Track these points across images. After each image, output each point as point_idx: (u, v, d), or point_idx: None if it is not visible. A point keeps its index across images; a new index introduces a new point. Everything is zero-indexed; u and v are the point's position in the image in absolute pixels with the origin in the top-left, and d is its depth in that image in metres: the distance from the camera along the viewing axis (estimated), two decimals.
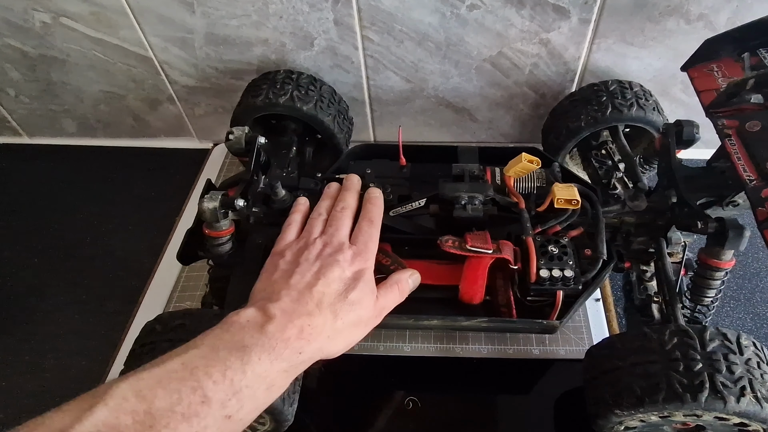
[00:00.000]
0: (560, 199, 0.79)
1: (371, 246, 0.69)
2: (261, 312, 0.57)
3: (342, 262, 0.64)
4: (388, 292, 0.68)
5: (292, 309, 0.58)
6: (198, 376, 0.49)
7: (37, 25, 1.09)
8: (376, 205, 0.75)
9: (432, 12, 1.01)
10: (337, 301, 0.61)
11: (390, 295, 0.68)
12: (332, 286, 0.62)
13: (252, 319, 0.56)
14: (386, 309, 0.67)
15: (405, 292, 0.70)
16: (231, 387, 0.50)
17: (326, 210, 0.74)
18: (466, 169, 0.87)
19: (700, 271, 0.79)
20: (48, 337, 0.99)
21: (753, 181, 0.69)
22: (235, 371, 0.51)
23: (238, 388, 0.50)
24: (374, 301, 0.64)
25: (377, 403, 0.87)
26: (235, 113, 1.05)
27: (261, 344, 0.53)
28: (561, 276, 0.75)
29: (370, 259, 0.67)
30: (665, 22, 0.99)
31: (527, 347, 0.91)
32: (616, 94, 0.98)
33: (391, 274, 0.71)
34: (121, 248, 1.13)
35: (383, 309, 0.66)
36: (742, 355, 0.62)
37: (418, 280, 0.73)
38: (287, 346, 0.55)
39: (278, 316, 0.56)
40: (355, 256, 0.66)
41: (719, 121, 0.77)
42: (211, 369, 0.50)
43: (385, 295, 0.67)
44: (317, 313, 0.59)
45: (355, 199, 0.76)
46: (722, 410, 0.59)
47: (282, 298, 0.59)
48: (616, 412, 0.65)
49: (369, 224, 0.71)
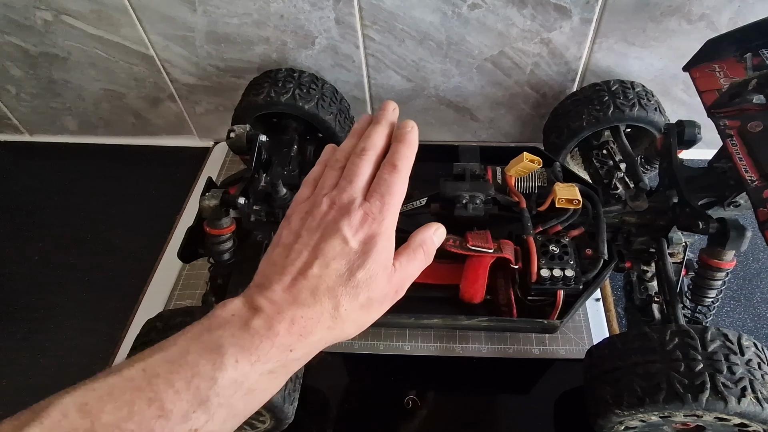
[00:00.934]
0: (561, 198, 0.79)
1: (389, 201, 0.52)
2: (248, 304, 0.49)
3: (345, 229, 0.50)
4: (411, 259, 0.54)
5: (282, 299, 0.48)
6: (156, 386, 0.42)
7: (38, 23, 1.09)
8: (406, 144, 0.56)
9: (433, 11, 1.01)
10: (337, 285, 0.49)
11: (413, 263, 0.54)
12: (331, 266, 0.49)
13: (237, 313, 0.48)
14: (408, 279, 0.54)
15: (431, 253, 0.56)
16: (196, 396, 0.43)
17: (346, 154, 0.58)
18: (467, 168, 0.87)
19: (700, 271, 0.79)
20: (48, 335, 0.99)
21: (754, 182, 0.69)
22: (203, 378, 0.43)
23: (206, 397, 0.43)
24: (388, 277, 0.51)
25: (377, 401, 0.87)
26: (236, 111, 1.05)
27: (241, 344, 0.45)
28: (562, 275, 0.75)
29: (386, 220, 0.52)
30: (667, 22, 0.99)
31: (527, 347, 0.91)
32: (618, 94, 0.98)
33: (413, 233, 0.57)
34: (121, 246, 1.13)
35: (403, 280, 0.53)
36: (743, 356, 0.62)
37: (443, 234, 0.58)
38: (274, 344, 0.46)
39: (265, 309, 0.47)
40: (364, 218, 0.51)
41: (721, 121, 0.77)
42: (175, 376, 0.43)
43: (405, 264, 0.53)
44: (312, 302, 0.48)
45: (384, 137, 0.58)
46: (723, 411, 0.59)
47: (273, 287, 0.49)
48: (617, 411, 0.65)
49: (391, 171, 0.54)
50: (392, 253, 0.52)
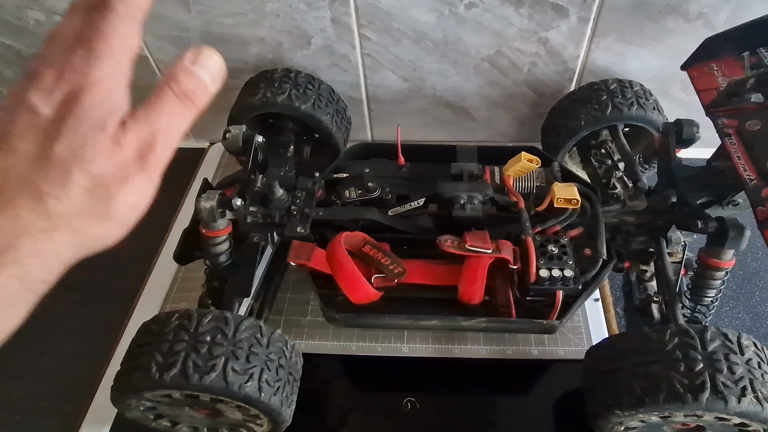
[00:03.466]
0: (560, 198, 0.79)
1: (100, 46, 0.36)
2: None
3: (34, 96, 0.36)
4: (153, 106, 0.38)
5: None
6: None
7: (30, 24, 1.09)
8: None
9: (430, 10, 1.00)
10: (32, 172, 0.35)
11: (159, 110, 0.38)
12: (19, 149, 0.35)
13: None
14: (159, 136, 0.38)
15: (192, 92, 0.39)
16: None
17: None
18: (465, 168, 0.87)
19: (700, 270, 0.79)
20: (43, 338, 0.98)
21: (753, 181, 0.69)
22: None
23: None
24: (113, 138, 0.36)
25: (375, 404, 0.86)
26: (232, 112, 1.04)
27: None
28: (560, 276, 0.75)
29: (96, 67, 0.36)
30: (664, 20, 0.99)
31: (526, 348, 0.91)
32: (616, 93, 0.97)
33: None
34: (116, 248, 1.11)
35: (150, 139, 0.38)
36: (743, 355, 0.62)
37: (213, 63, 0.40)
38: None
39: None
40: (60, 73, 0.36)
41: (719, 120, 0.77)
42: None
43: (144, 115, 0.38)
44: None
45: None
46: (723, 410, 0.59)
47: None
48: (617, 412, 0.65)
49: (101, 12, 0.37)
50: (116, 108, 0.37)
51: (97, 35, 0.36)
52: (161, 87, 0.38)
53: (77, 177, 0.35)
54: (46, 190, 0.35)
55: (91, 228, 0.38)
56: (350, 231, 0.82)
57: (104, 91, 0.36)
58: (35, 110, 0.35)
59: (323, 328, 0.93)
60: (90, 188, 0.36)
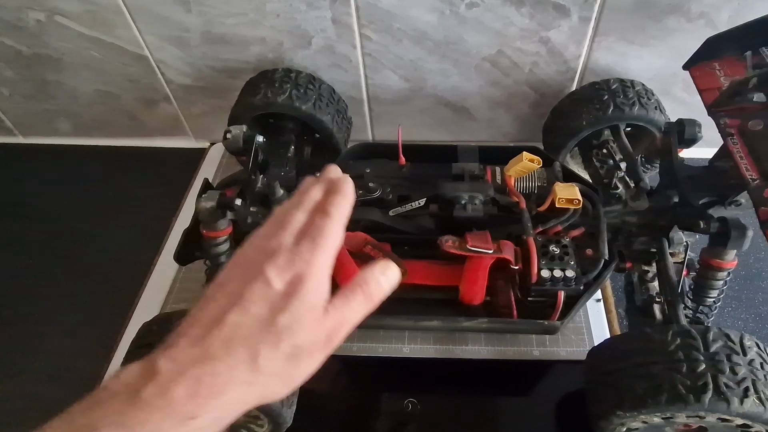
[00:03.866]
0: (562, 198, 0.79)
1: (321, 242, 0.46)
2: (146, 368, 0.40)
3: (268, 270, 0.44)
4: (347, 301, 0.46)
5: (187, 357, 0.41)
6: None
7: (31, 24, 1.08)
8: (340, 194, 0.51)
9: (431, 10, 1.00)
10: (257, 332, 0.42)
11: (350, 305, 0.46)
12: (251, 311, 0.42)
13: (131, 382, 0.40)
14: (344, 326, 0.46)
15: (374, 296, 0.48)
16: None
17: (285, 211, 0.52)
18: (466, 168, 0.87)
19: (702, 271, 0.79)
20: (43, 339, 0.99)
21: (755, 181, 0.69)
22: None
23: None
24: (319, 320, 0.44)
25: (376, 404, 0.86)
26: (232, 112, 1.04)
27: (120, 422, 0.38)
28: (562, 276, 0.75)
29: (315, 260, 0.45)
30: (666, 20, 0.98)
31: (527, 348, 0.90)
32: (618, 93, 0.97)
33: (358, 273, 0.49)
34: (116, 249, 1.12)
35: (338, 327, 0.45)
36: (746, 356, 0.62)
37: (395, 277, 0.50)
38: (168, 414, 0.38)
39: (164, 372, 0.39)
40: (290, 259, 0.45)
41: (721, 120, 0.76)
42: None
43: (341, 306, 0.46)
44: (223, 355, 0.41)
45: (321, 191, 0.53)
46: (725, 411, 0.59)
47: (179, 341, 0.42)
48: (618, 413, 0.65)
49: (322, 216, 0.49)
50: (324, 295, 0.45)
51: (319, 233, 0.47)
52: (354, 287, 0.47)
53: (284, 346, 0.42)
54: (261, 352, 0.41)
55: (275, 387, 0.44)
56: (351, 231, 0.82)
57: (320, 280, 0.45)
58: (269, 283, 0.43)
59: None
60: (288, 356, 0.43)
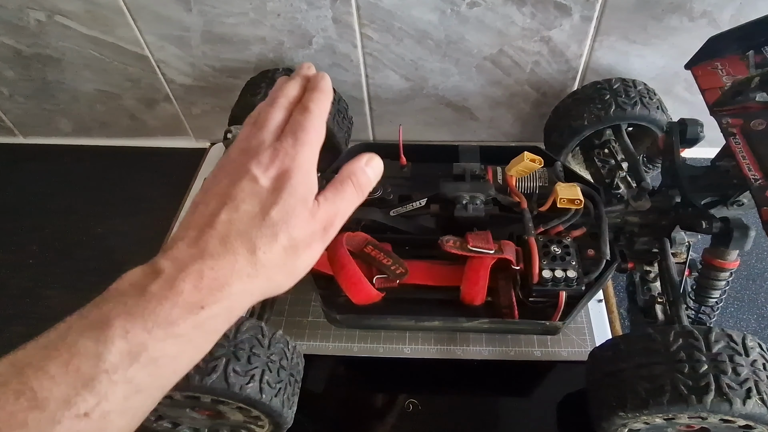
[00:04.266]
0: (563, 198, 0.78)
1: (302, 137, 0.51)
2: (148, 269, 0.45)
3: (254, 168, 0.49)
4: (338, 192, 0.52)
5: (187, 255, 0.45)
6: (26, 375, 0.38)
7: (31, 24, 1.08)
8: (319, 90, 0.56)
9: (432, 10, 1.00)
10: (250, 227, 0.47)
11: (341, 195, 0.52)
12: (242, 208, 0.47)
13: (135, 281, 0.44)
14: (338, 216, 0.52)
15: (363, 186, 0.54)
16: (78, 378, 0.39)
17: (260, 109, 0.57)
18: (467, 168, 0.86)
19: (704, 271, 0.78)
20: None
21: (758, 180, 0.69)
22: (86, 357, 0.40)
23: (90, 376, 0.39)
24: (311, 212, 0.49)
25: (377, 405, 0.86)
26: (233, 111, 1.04)
27: (132, 312, 0.42)
28: (564, 276, 0.74)
29: (300, 154, 0.50)
30: (668, 19, 0.98)
31: (528, 349, 0.90)
32: (620, 93, 0.97)
33: (343, 167, 0.55)
34: (117, 249, 1.12)
35: (332, 217, 0.51)
36: (748, 357, 0.62)
37: (379, 167, 0.57)
38: (176, 303, 0.43)
39: (167, 269, 0.44)
40: (274, 155, 0.50)
41: (724, 119, 0.76)
42: (49, 362, 0.39)
43: (332, 197, 0.51)
44: (222, 251, 0.45)
45: (297, 88, 0.58)
46: (728, 412, 0.59)
47: (176, 244, 0.46)
48: (620, 414, 0.64)
49: (302, 111, 0.54)
50: (312, 187, 0.50)
51: (301, 128, 0.52)
52: (343, 178, 0.53)
53: (281, 238, 0.47)
54: (259, 245, 0.46)
55: (278, 278, 0.49)
56: (352, 231, 0.82)
57: (306, 173, 0.50)
58: (256, 180, 0.48)
59: (324, 329, 0.92)
60: (287, 248, 0.48)
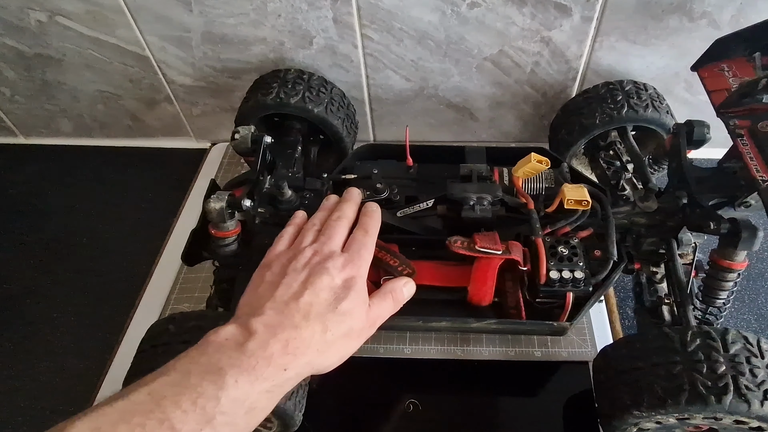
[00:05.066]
0: (570, 199, 0.78)
1: (364, 254, 0.64)
2: (241, 328, 0.54)
3: (332, 269, 0.60)
4: (382, 301, 0.64)
5: (276, 322, 0.54)
6: (165, 407, 0.45)
7: (32, 24, 1.08)
8: (373, 218, 0.70)
9: (432, 10, 1.00)
10: (326, 312, 0.57)
11: (384, 304, 0.64)
12: (321, 296, 0.58)
13: (231, 337, 0.53)
14: (380, 319, 0.63)
15: (399, 301, 0.67)
16: (203, 415, 0.47)
17: (321, 221, 0.70)
18: (474, 169, 0.86)
19: (712, 272, 0.78)
20: (44, 339, 0.99)
21: (766, 182, 0.69)
22: (208, 398, 0.47)
23: (212, 415, 0.47)
24: (366, 311, 0.61)
25: (377, 405, 0.86)
26: (240, 110, 1.04)
27: (239, 365, 0.50)
28: (571, 277, 0.74)
29: (362, 267, 0.63)
30: (668, 19, 0.98)
31: (529, 349, 0.91)
32: (632, 94, 0.97)
33: (386, 282, 0.68)
34: (118, 249, 1.12)
35: (376, 319, 0.63)
36: (764, 359, 0.62)
37: (412, 289, 0.69)
38: (270, 363, 0.51)
39: (260, 332, 0.53)
40: (346, 263, 0.62)
41: (731, 121, 0.77)
42: (181, 398, 0.46)
43: (378, 304, 0.63)
44: (304, 325, 0.55)
45: (354, 211, 0.72)
46: (745, 413, 0.59)
47: (265, 312, 0.56)
48: (635, 412, 0.64)
49: (364, 234, 0.67)
50: (366, 293, 0.62)
51: (363, 246, 0.65)
52: (386, 292, 0.65)
53: (344, 327, 0.58)
54: (329, 327, 0.57)
55: (333, 358, 0.59)
56: None
57: (364, 281, 0.62)
58: (332, 277, 0.60)
59: None
60: (346, 335, 0.59)
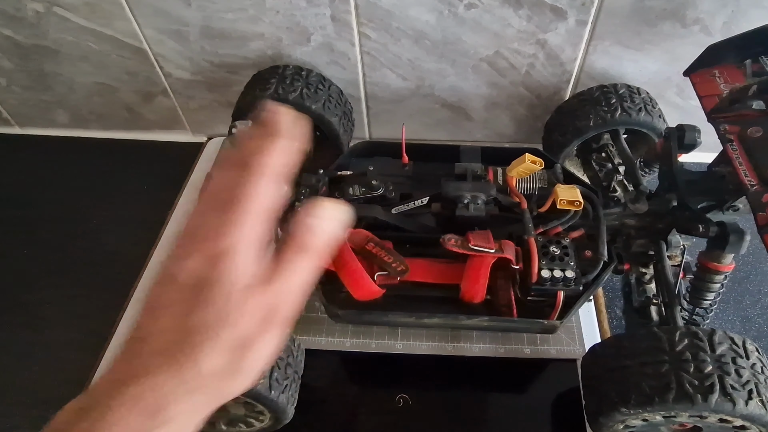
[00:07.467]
0: (563, 200, 0.80)
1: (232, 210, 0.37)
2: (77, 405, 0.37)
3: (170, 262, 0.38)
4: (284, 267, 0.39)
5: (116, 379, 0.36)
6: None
7: (30, 15, 1.08)
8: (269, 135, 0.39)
9: (430, 10, 1.01)
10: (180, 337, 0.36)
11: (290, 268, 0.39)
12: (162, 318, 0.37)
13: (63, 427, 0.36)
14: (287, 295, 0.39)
15: (313, 246, 0.40)
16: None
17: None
18: (468, 168, 0.88)
19: (699, 274, 0.80)
20: (37, 331, 0.98)
21: (754, 186, 0.70)
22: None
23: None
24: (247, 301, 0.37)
25: (368, 400, 0.87)
26: (238, 104, 1.04)
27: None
28: (562, 276, 0.76)
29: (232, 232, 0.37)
30: (662, 25, 0.99)
31: (519, 346, 0.91)
32: (625, 98, 0.99)
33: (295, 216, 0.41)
34: (112, 241, 1.12)
35: (280, 294, 0.39)
36: (749, 360, 0.63)
37: (336, 213, 0.41)
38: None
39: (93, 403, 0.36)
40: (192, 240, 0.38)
41: (721, 126, 0.78)
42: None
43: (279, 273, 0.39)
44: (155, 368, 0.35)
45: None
46: (730, 412, 0.60)
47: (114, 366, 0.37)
48: (622, 410, 0.65)
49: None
50: (249, 265, 0.37)
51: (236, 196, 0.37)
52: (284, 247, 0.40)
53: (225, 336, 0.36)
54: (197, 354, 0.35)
55: (225, 386, 0.37)
56: (354, 228, 0.82)
57: (239, 253, 0.37)
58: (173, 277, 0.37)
59: (317, 324, 0.93)
60: (238, 347, 0.37)
